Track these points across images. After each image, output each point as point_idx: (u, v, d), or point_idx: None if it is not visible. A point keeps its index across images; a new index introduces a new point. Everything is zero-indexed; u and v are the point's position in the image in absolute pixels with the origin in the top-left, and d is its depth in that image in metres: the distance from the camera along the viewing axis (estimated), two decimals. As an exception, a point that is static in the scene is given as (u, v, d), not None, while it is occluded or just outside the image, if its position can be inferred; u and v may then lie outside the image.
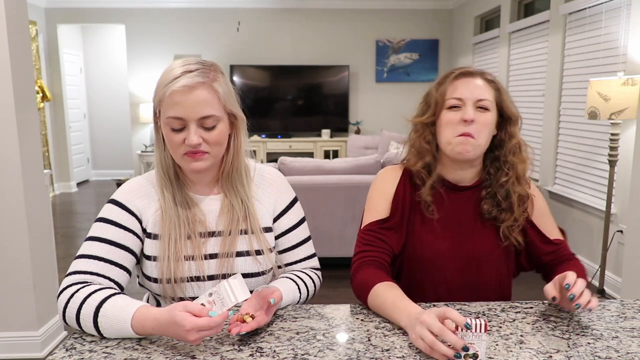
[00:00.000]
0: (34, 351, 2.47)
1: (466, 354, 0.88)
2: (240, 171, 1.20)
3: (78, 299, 1.02)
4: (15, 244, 2.40)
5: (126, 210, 1.15)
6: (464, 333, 0.88)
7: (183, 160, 1.12)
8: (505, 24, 5.10)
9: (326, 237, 3.65)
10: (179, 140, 1.09)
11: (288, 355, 0.93)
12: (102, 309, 0.99)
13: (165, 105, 1.08)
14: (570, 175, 3.92)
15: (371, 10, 6.79)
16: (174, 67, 1.09)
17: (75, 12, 6.64)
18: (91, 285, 1.05)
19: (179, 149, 1.10)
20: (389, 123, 6.92)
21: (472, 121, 1.18)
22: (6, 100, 2.32)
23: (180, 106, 1.06)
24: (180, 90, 1.05)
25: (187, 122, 1.07)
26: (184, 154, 1.10)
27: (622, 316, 1.11)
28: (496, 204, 1.26)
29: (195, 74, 1.07)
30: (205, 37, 6.66)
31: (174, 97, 1.06)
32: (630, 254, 2.51)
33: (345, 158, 3.81)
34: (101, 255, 1.10)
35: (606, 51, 3.43)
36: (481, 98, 1.20)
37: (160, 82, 1.09)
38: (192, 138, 1.07)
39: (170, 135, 1.09)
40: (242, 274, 1.18)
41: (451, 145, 1.20)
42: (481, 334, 0.87)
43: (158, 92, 1.09)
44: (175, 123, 1.08)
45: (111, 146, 8.11)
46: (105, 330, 0.99)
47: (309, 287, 1.24)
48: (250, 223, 1.19)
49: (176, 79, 1.06)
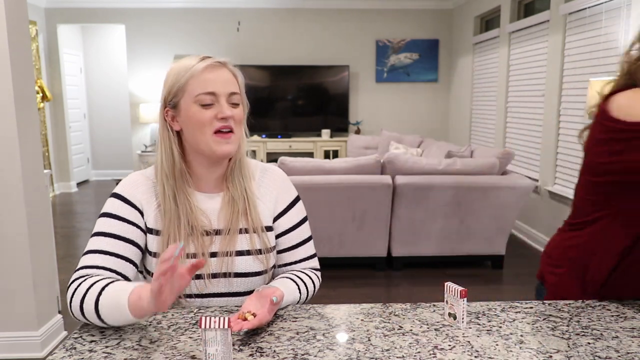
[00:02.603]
0: (34, 351, 2.47)
1: (449, 312, 1.06)
2: (242, 163, 1.22)
3: (80, 292, 1.03)
4: (15, 244, 2.40)
5: (129, 204, 1.16)
6: (449, 296, 1.05)
7: (213, 142, 1.12)
8: (505, 24, 5.10)
9: (326, 237, 3.65)
10: (210, 116, 1.11)
11: (288, 355, 0.93)
12: (101, 298, 1.00)
13: (194, 85, 1.11)
14: (570, 175, 3.92)
15: (371, 10, 6.79)
16: (187, 58, 1.15)
17: (75, 12, 6.64)
18: (93, 277, 1.06)
19: (209, 126, 1.11)
20: (389, 123, 6.93)
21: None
22: (6, 100, 2.32)
23: (211, 81, 1.11)
24: (210, 66, 1.12)
25: (217, 96, 1.12)
26: (214, 133, 1.12)
27: (622, 316, 1.11)
28: None
29: (214, 59, 1.14)
30: (205, 37, 6.66)
31: (204, 73, 1.11)
32: (630, 254, 2.51)
33: (345, 158, 3.81)
34: (107, 249, 1.11)
35: (606, 51, 3.43)
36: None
37: (178, 71, 1.13)
38: (226, 110, 1.11)
39: (200, 113, 1.11)
40: (242, 273, 1.18)
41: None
42: (459, 299, 1.03)
43: (179, 79, 1.12)
44: (207, 98, 1.11)
45: (111, 146, 8.11)
46: (107, 319, 0.99)
47: (308, 287, 1.24)
48: (251, 221, 1.19)
49: (200, 62, 1.12)
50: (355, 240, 3.70)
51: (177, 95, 1.13)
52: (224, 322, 0.85)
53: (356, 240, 3.70)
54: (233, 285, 1.18)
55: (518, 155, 4.83)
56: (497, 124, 5.31)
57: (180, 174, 1.16)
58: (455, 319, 1.05)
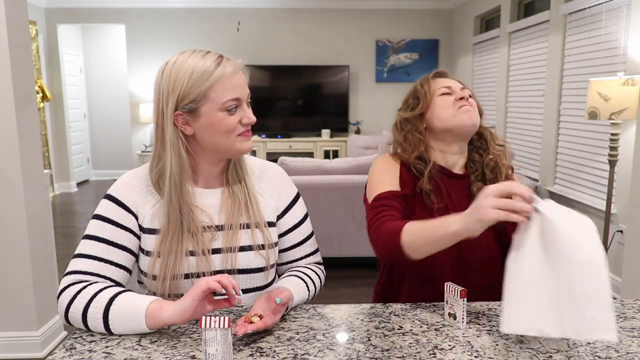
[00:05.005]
0: (34, 351, 2.47)
1: (449, 312, 1.07)
2: (242, 161, 1.21)
3: (84, 298, 1.02)
4: (15, 244, 2.40)
5: (122, 207, 1.14)
6: (449, 296, 1.06)
7: (238, 142, 1.13)
8: (505, 24, 5.10)
9: (326, 237, 3.65)
10: (236, 122, 1.11)
11: (288, 355, 0.93)
12: (113, 306, 1.00)
13: (220, 91, 1.08)
14: (570, 175, 3.92)
15: (371, 10, 6.79)
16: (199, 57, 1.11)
17: (75, 12, 6.64)
18: (97, 284, 1.06)
19: (234, 131, 1.12)
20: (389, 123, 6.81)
21: (467, 98, 1.32)
22: (6, 100, 2.32)
23: (237, 87, 1.11)
24: (234, 71, 1.11)
25: (241, 101, 1.12)
26: (239, 135, 1.13)
27: (622, 316, 1.11)
28: (485, 183, 1.33)
29: (228, 58, 1.13)
30: (205, 37, 6.66)
31: (231, 80, 1.10)
32: (630, 254, 2.51)
33: (345, 158, 3.82)
34: (100, 255, 1.10)
35: (606, 51, 3.42)
36: (463, 87, 1.37)
37: (197, 74, 1.07)
38: (252, 115, 1.14)
39: (227, 120, 1.10)
40: (244, 269, 1.16)
41: (457, 117, 1.31)
42: (459, 299, 1.03)
43: (200, 84, 1.07)
44: (233, 104, 1.11)
45: (111, 146, 8.11)
46: (115, 327, 1.00)
47: (316, 284, 1.24)
48: (253, 216, 1.17)
49: (221, 64, 1.10)
50: (355, 240, 3.70)
51: (196, 101, 1.08)
52: (224, 322, 0.85)
53: (356, 240, 3.70)
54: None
55: (518, 155, 4.83)
56: (497, 123, 5.31)
57: (187, 173, 1.14)
58: (455, 319, 1.05)
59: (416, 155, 1.33)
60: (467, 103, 1.33)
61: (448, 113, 1.33)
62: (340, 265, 3.85)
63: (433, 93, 1.37)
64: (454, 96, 1.34)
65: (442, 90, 1.36)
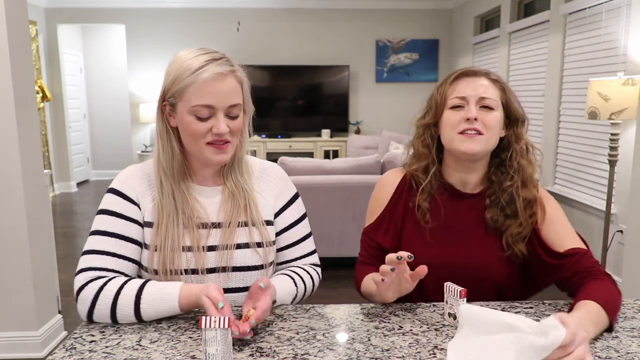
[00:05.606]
0: (34, 351, 2.47)
1: (449, 312, 1.06)
2: (242, 162, 1.21)
3: (110, 291, 1.04)
4: (15, 244, 2.40)
5: (126, 198, 1.14)
6: (449, 296, 1.05)
7: (206, 151, 1.09)
8: (505, 24, 5.10)
9: (326, 237, 3.65)
10: (205, 129, 1.07)
11: (288, 355, 0.93)
12: (144, 292, 1.03)
13: (192, 93, 1.05)
14: (570, 175, 3.92)
15: (371, 10, 6.79)
16: (194, 55, 1.09)
17: (75, 12, 6.64)
18: (120, 277, 1.08)
19: (202, 138, 1.08)
20: (389, 123, 6.92)
21: (475, 119, 1.16)
22: (6, 100, 2.32)
23: (211, 94, 1.05)
24: (213, 78, 1.05)
25: (215, 110, 1.07)
26: (208, 144, 1.09)
27: (622, 316, 1.10)
28: (500, 210, 1.21)
29: (223, 62, 1.08)
30: (205, 37, 6.66)
31: (205, 85, 1.05)
32: (630, 254, 2.51)
33: (345, 158, 3.82)
34: (111, 250, 1.10)
35: (606, 51, 3.43)
36: (484, 96, 1.17)
37: (182, 70, 1.06)
38: (222, 127, 1.06)
39: (194, 125, 1.07)
40: (240, 266, 1.16)
41: (454, 143, 1.18)
42: (459, 299, 1.03)
43: (180, 81, 1.06)
44: (204, 111, 1.06)
45: (111, 146, 8.11)
46: (147, 312, 1.03)
47: (306, 282, 1.23)
48: (251, 214, 1.17)
49: (204, 67, 1.05)
50: (355, 240, 3.67)
51: (175, 97, 1.08)
52: (224, 322, 0.85)
53: (356, 240, 3.66)
54: (231, 280, 1.16)
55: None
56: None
57: (179, 167, 1.14)
58: (455, 319, 1.05)
59: (418, 168, 1.25)
60: (473, 127, 1.16)
61: (448, 135, 1.19)
62: (340, 265, 3.84)
63: (445, 102, 1.21)
64: (463, 112, 1.17)
65: (453, 102, 1.19)
